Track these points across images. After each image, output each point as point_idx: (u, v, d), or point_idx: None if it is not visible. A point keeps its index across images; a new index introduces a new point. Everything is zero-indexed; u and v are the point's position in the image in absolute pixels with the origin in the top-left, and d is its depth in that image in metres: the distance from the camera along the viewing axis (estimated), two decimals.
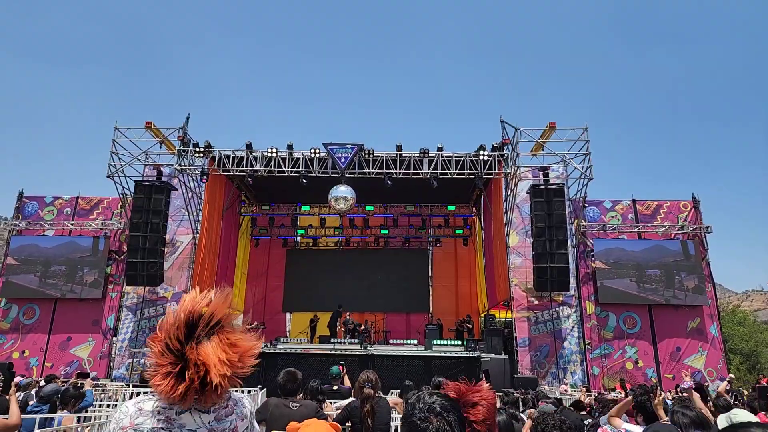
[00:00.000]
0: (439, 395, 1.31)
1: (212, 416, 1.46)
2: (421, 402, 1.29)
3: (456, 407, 1.29)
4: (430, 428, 1.22)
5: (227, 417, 1.48)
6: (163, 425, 1.40)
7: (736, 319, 31.88)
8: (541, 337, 13.61)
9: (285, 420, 3.53)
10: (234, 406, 1.52)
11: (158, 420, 1.40)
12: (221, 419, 1.47)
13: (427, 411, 1.25)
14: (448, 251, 19.80)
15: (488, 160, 13.99)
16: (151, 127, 13.73)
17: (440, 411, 1.25)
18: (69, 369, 13.92)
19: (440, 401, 1.28)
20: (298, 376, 3.82)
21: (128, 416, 1.43)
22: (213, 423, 1.45)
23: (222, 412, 1.48)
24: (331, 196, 13.73)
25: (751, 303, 66.33)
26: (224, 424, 1.47)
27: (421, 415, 1.25)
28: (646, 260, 14.55)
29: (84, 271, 14.75)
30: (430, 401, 1.28)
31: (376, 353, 11.47)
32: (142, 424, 1.40)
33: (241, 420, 1.53)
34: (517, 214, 14.37)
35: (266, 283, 19.62)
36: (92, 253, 14.89)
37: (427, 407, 1.26)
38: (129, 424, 1.41)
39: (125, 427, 1.41)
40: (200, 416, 1.44)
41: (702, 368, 13.88)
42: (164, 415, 1.41)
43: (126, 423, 1.42)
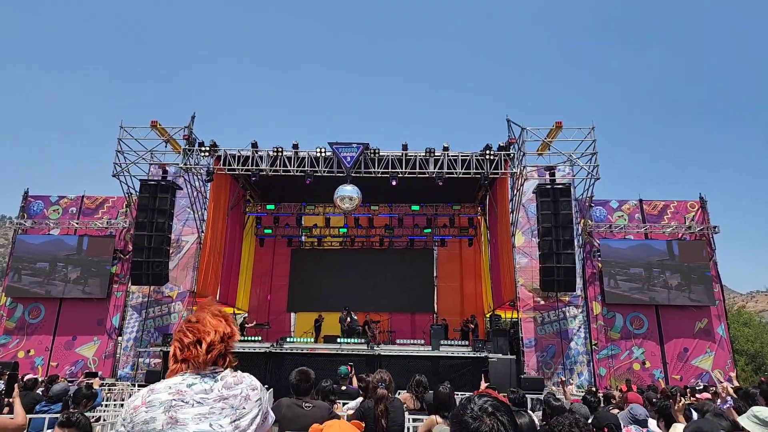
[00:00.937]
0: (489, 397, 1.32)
1: (221, 383, 1.53)
2: (472, 403, 1.30)
3: (508, 409, 1.29)
4: (482, 427, 1.22)
5: (237, 385, 1.54)
6: (175, 397, 1.46)
7: (742, 320, 31.70)
8: (547, 337, 13.54)
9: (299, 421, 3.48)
10: (243, 378, 1.59)
11: (170, 393, 1.46)
12: (230, 386, 1.53)
13: (479, 410, 1.25)
14: (453, 251, 19.74)
15: (494, 160, 13.92)
16: (156, 126, 13.72)
17: (492, 411, 1.26)
18: (74, 368, 13.93)
19: (491, 402, 1.29)
20: (311, 376, 3.77)
21: (140, 397, 1.49)
22: (223, 390, 1.51)
23: (230, 380, 1.55)
24: (337, 195, 13.68)
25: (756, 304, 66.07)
26: (235, 391, 1.53)
27: (474, 414, 1.25)
28: (653, 260, 14.45)
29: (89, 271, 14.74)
30: (481, 402, 1.29)
31: (383, 353, 11.42)
32: (154, 400, 1.45)
33: (252, 390, 1.57)
34: (523, 214, 14.30)
35: (271, 282, 19.61)
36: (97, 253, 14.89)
37: (479, 407, 1.27)
38: (141, 403, 1.46)
39: (137, 406, 1.45)
40: (210, 384, 1.51)
41: (710, 369, 13.78)
42: (175, 388, 1.48)
43: (138, 402, 1.47)
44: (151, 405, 1.44)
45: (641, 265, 14.42)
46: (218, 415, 1.47)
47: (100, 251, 14.93)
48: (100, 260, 14.81)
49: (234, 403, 1.51)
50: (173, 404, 1.44)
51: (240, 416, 1.50)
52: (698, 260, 14.43)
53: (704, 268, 14.37)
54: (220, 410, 1.48)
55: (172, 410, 1.43)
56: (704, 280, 14.29)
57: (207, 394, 1.49)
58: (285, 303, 19.43)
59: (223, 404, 1.49)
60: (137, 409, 1.44)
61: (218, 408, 1.48)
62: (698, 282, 14.28)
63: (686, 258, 14.48)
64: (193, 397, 1.47)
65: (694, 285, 14.25)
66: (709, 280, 14.31)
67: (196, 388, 1.49)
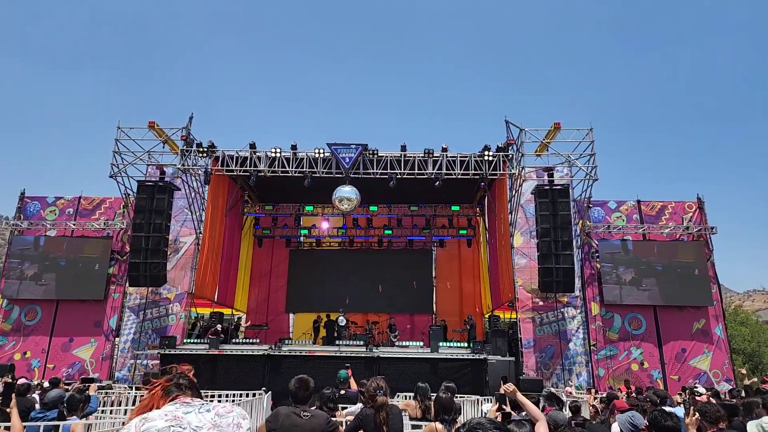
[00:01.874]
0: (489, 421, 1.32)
1: (213, 413, 1.54)
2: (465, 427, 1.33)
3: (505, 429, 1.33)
4: None
5: (228, 414, 1.56)
6: (173, 423, 1.45)
7: (739, 320, 31.79)
8: (546, 338, 13.54)
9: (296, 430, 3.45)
10: (232, 407, 1.61)
11: (166, 420, 1.45)
12: (222, 415, 1.54)
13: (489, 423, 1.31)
14: (451, 252, 19.73)
15: (493, 161, 13.91)
16: (154, 127, 13.65)
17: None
18: (71, 370, 13.86)
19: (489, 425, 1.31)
20: (311, 384, 3.73)
21: (133, 426, 1.46)
22: (216, 418, 1.52)
23: (221, 409, 1.57)
24: (336, 196, 13.65)
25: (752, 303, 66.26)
26: (227, 419, 1.53)
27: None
28: (651, 261, 14.46)
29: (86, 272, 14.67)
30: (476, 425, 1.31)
31: (382, 355, 11.40)
32: (151, 428, 1.43)
33: (243, 419, 1.59)
34: (522, 215, 14.29)
35: (269, 283, 19.56)
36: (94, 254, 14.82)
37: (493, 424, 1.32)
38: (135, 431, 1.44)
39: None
40: (203, 414, 1.52)
41: (707, 369, 13.81)
42: (171, 414, 1.48)
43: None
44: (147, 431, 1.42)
45: (639, 266, 14.42)
46: None
47: (97, 252, 14.85)
48: (98, 261, 14.73)
49: (227, 431, 1.52)
50: (171, 429, 1.43)
51: None
52: (696, 261, 14.44)
53: (702, 269, 14.38)
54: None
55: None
56: (702, 281, 14.31)
57: (201, 421, 1.49)
58: (283, 304, 19.39)
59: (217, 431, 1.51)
60: None
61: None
62: (696, 283, 14.30)
63: (684, 259, 14.50)
64: (189, 424, 1.46)
65: (692, 286, 14.27)
66: (706, 280, 14.33)
67: (191, 417, 1.49)
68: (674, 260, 14.46)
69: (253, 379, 10.72)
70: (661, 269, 14.38)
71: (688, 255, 14.53)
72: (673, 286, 14.23)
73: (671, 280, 14.27)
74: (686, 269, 14.38)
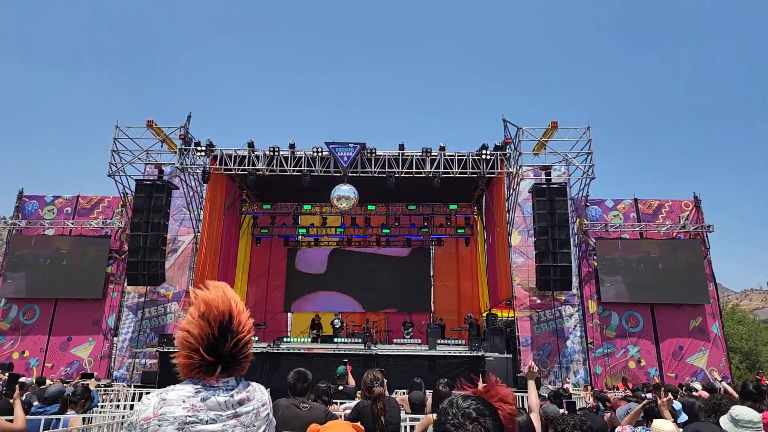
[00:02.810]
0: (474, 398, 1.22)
1: (236, 399, 1.46)
2: (454, 407, 1.20)
3: (493, 411, 1.20)
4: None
5: (249, 401, 1.49)
6: (190, 413, 1.38)
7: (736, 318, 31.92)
8: (543, 336, 13.60)
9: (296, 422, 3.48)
10: (254, 392, 1.54)
11: (184, 408, 1.38)
12: (244, 402, 1.47)
13: (462, 417, 1.16)
14: (449, 250, 19.76)
15: (490, 159, 13.96)
16: (152, 126, 13.65)
17: (476, 416, 1.16)
18: (69, 369, 13.86)
19: (475, 405, 1.19)
20: (309, 377, 3.77)
21: (151, 407, 1.39)
22: (236, 407, 1.45)
23: (244, 395, 1.48)
24: (334, 195, 13.68)
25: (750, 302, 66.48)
26: (247, 407, 1.47)
27: (455, 422, 1.16)
28: (648, 259, 14.53)
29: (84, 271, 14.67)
30: (464, 405, 1.19)
31: (380, 353, 11.43)
32: (167, 414, 1.37)
33: (263, 405, 1.53)
34: (519, 214, 14.35)
35: (267, 282, 19.56)
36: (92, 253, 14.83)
37: (461, 412, 1.17)
38: (153, 415, 1.38)
39: (149, 418, 1.37)
40: (225, 400, 1.44)
41: (704, 367, 13.89)
42: (189, 403, 1.40)
43: (149, 414, 1.38)
44: (163, 418, 1.37)
45: (636, 264, 14.49)
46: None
47: (95, 251, 14.85)
48: (96, 260, 14.73)
49: (245, 420, 1.47)
50: (188, 421, 1.38)
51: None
52: (693, 259, 14.52)
53: (698, 267, 14.46)
54: (232, 428, 1.44)
55: (186, 428, 1.37)
56: (698, 279, 14.39)
57: (221, 411, 1.43)
58: (282, 303, 19.40)
59: (236, 422, 1.45)
60: (149, 421, 1.37)
61: (230, 426, 1.43)
62: (693, 281, 14.37)
63: (681, 257, 14.58)
64: (207, 414, 1.41)
65: (689, 284, 14.34)
66: (703, 278, 14.41)
67: (210, 403, 1.42)
68: (671, 258, 14.54)
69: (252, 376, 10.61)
70: (658, 267, 14.45)
71: (685, 253, 14.61)
72: (670, 284, 14.30)
73: (668, 278, 14.34)
74: (683, 267, 14.45)
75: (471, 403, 1.20)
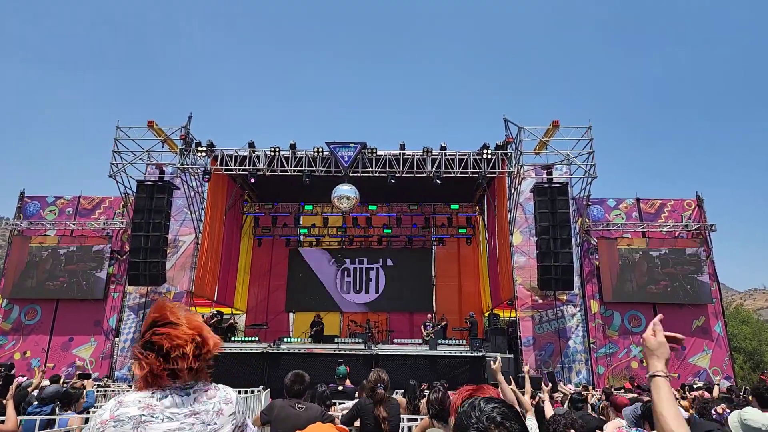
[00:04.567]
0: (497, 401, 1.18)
1: (192, 398, 1.48)
2: (477, 410, 1.15)
3: (517, 414, 1.16)
4: None
5: (210, 399, 1.50)
6: (145, 412, 1.41)
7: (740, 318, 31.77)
8: (545, 336, 13.53)
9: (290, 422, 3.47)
10: (216, 391, 1.54)
11: (139, 408, 1.41)
12: (203, 401, 1.49)
13: (486, 421, 1.12)
14: (451, 250, 19.72)
15: (491, 159, 13.92)
16: (153, 126, 13.67)
17: (501, 420, 1.12)
18: (71, 370, 13.87)
19: (499, 408, 1.15)
20: (306, 378, 3.76)
21: (108, 410, 1.43)
22: (195, 405, 1.47)
23: (203, 394, 1.50)
24: (334, 195, 13.66)
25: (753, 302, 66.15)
26: (207, 406, 1.48)
27: (480, 426, 1.12)
28: (650, 259, 14.46)
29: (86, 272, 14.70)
30: (488, 409, 1.15)
31: (381, 353, 11.40)
32: (122, 414, 1.40)
33: (226, 404, 1.53)
34: (521, 213, 14.29)
35: (269, 282, 19.57)
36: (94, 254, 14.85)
37: (485, 416, 1.13)
38: (109, 417, 1.41)
39: (105, 420, 1.41)
40: (181, 398, 1.46)
41: (707, 367, 13.80)
42: (145, 402, 1.43)
43: (106, 417, 1.42)
44: (119, 420, 1.40)
45: (638, 264, 14.42)
46: (188, 430, 1.43)
47: (96, 252, 14.88)
48: (97, 261, 14.76)
49: (205, 418, 1.47)
50: (142, 419, 1.40)
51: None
52: (695, 258, 14.44)
53: (701, 267, 14.38)
54: (190, 425, 1.44)
55: (141, 426, 1.39)
56: (701, 279, 14.30)
57: (178, 408, 1.45)
58: (283, 303, 19.40)
59: (194, 419, 1.45)
60: (105, 424, 1.40)
61: (189, 423, 1.44)
62: (695, 280, 14.29)
63: (683, 256, 14.50)
64: (163, 412, 1.43)
65: (691, 283, 14.26)
66: (705, 278, 14.32)
67: (166, 402, 1.45)
68: (673, 258, 14.46)
69: (252, 376, 10.73)
70: (661, 267, 14.38)
71: (687, 253, 14.53)
72: (673, 283, 14.23)
73: (671, 277, 14.26)
74: (685, 267, 14.37)
75: (495, 407, 1.16)
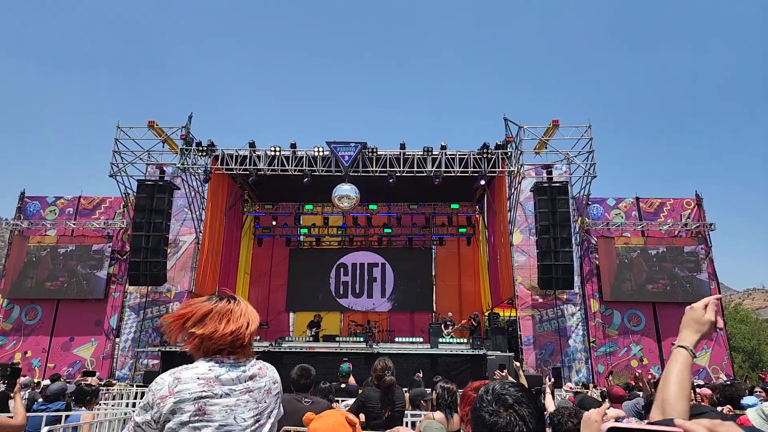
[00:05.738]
0: (512, 385, 1.19)
1: (247, 374, 1.51)
2: (490, 393, 1.17)
3: (531, 398, 1.16)
4: (500, 422, 1.11)
5: (261, 378, 1.53)
6: (205, 388, 1.42)
7: (739, 318, 31.86)
8: (545, 335, 13.56)
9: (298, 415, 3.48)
10: (266, 370, 1.58)
11: (199, 384, 1.43)
12: (255, 378, 1.52)
13: (497, 403, 1.14)
14: (451, 250, 19.74)
15: (492, 158, 13.96)
16: (153, 126, 13.68)
17: (512, 403, 1.13)
18: (71, 370, 13.87)
19: (513, 391, 1.16)
20: (312, 372, 3.77)
21: (165, 386, 1.43)
22: (249, 382, 1.50)
23: (256, 371, 1.53)
24: (335, 194, 13.68)
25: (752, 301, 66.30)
26: (260, 383, 1.52)
27: (490, 409, 1.13)
28: (650, 258, 14.52)
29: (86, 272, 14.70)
30: (502, 393, 1.16)
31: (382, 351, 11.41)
32: (183, 391, 1.41)
33: (274, 383, 1.57)
34: (521, 212, 14.33)
35: (269, 282, 19.56)
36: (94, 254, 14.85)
37: (496, 399, 1.15)
38: (169, 393, 1.41)
39: (164, 396, 1.40)
40: (237, 375, 1.48)
41: (707, 365, 13.85)
42: (205, 378, 1.45)
43: (165, 392, 1.41)
44: (180, 396, 1.41)
45: (638, 263, 14.47)
46: (243, 407, 1.46)
47: (97, 252, 14.88)
48: (98, 261, 14.76)
49: (257, 396, 1.50)
50: (203, 395, 1.42)
51: (261, 410, 1.50)
52: (694, 257, 14.50)
53: (700, 265, 14.44)
54: (245, 403, 1.47)
55: (202, 402, 1.41)
56: (700, 277, 14.36)
57: (234, 385, 1.47)
58: (283, 303, 19.40)
59: (248, 397, 1.48)
60: (165, 399, 1.41)
61: (243, 401, 1.47)
62: (694, 279, 14.35)
63: (682, 255, 14.55)
64: (222, 389, 1.45)
65: (691, 282, 14.32)
66: (705, 276, 14.38)
67: (224, 379, 1.47)
68: (673, 257, 14.52)
69: None
70: (660, 266, 14.44)
71: (687, 251, 14.59)
72: (672, 282, 14.29)
73: (670, 276, 14.32)
74: (685, 266, 14.43)
75: (508, 390, 1.17)
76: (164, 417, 1.39)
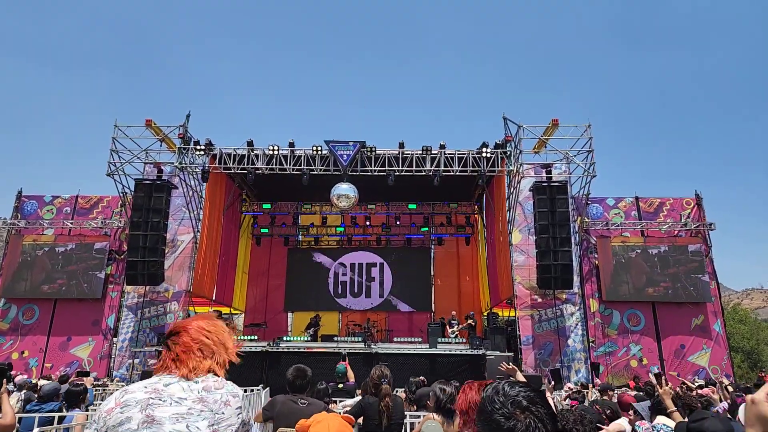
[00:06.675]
0: (522, 385, 1.13)
1: (200, 386, 1.48)
2: (501, 395, 1.10)
3: (543, 398, 1.11)
4: (518, 426, 1.04)
5: (217, 390, 1.50)
6: (152, 395, 1.42)
7: (738, 317, 31.88)
8: (544, 335, 13.52)
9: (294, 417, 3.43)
10: (224, 383, 1.55)
11: (146, 392, 1.43)
12: (210, 390, 1.49)
13: (511, 406, 1.07)
14: (450, 249, 19.71)
15: (491, 158, 13.91)
16: (151, 125, 13.61)
17: (527, 405, 1.07)
18: (69, 369, 13.79)
19: (525, 392, 1.10)
20: (308, 373, 3.72)
21: (113, 399, 1.45)
22: (202, 392, 1.47)
23: (211, 383, 1.51)
24: (334, 194, 13.63)
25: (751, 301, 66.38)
26: (215, 395, 1.48)
27: (505, 411, 1.07)
28: (649, 257, 14.48)
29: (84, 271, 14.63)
30: (513, 393, 1.09)
31: (381, 351, 11.38)
32: (129, 400, 1.42)
33: (233, 397, 1.53)
34: (520, 212, 14.28)
35: (267, 282, 19.51)
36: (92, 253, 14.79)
37: (510, 401, 1.08)
38: (115, 404, 1.42)
39: (111, 408, 1.41)
40: (188, 385, 1.47)
41: (706, 365, 13.82)
42: (151, 387, 1.45)
43: (111, 405, 1.43)
44: (126, 405, 1.40)
45: (637, 262, 14.44)
46: (196, 416, 1.42)
47: (94, 251, 14.81)
48: (95, 260, 14.69)
49: (213, 407, 1.46)
50: (150, 402, 1.41)
51: (218, 421, 1.46)
52: (694, 257, 14.46)
53: (700, 265, 14.40)
54: (198, 412, 1.43)
55: (149, 408, 1.40)
56: (700, 277, 14.33)
57: (185, 394, 1.45)
58: (282, 302, 19.34)
59: (202, 406, 1.45)
60: (111, 412, 1.40)
61: (197, 409, 1.44)
62: (694, 279, 14.32)
63: (682, 255, 14.52)
64: (171, 396, 1.43)
65: (690, 282, 14.29)
66: (705, 276, 14.35)
67: (173, 388, 1.46)
68: (672, 256, 14.48)
69: (252, 375, 10.69)
70: (660, 265, 14.40)
71: (686, 251, 14.55)
72: (672, 282, 14.25)
73: (670, 276, 14.29)
74: (684, 265, 14.40)
75: (520, 390, 1.11)
76: (111, 430, 1.38)
